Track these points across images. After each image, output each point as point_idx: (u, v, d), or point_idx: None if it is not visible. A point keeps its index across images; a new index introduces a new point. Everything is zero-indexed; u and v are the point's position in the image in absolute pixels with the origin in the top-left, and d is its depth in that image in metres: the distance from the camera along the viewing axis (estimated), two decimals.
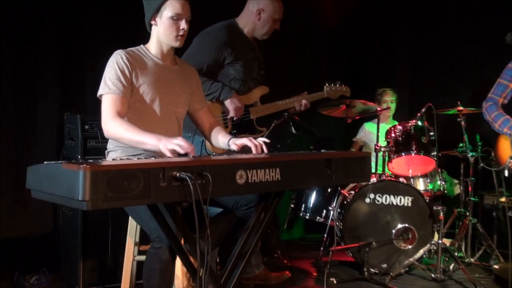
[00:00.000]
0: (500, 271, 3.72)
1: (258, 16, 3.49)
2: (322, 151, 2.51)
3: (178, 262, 2.47)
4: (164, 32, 2.58)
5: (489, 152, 3.91)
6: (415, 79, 5.49)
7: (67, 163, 1.66)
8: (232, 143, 2.60)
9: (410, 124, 4.17)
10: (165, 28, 2.57)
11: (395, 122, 4.73)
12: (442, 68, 5.20)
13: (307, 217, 4.39)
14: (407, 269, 3.90)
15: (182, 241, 2.23)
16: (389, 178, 4.07)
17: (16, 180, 3.53)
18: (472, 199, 4.20)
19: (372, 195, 3.92)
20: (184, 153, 2.22)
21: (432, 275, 3.77)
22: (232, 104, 3.34)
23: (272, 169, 2.06)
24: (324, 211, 4.31)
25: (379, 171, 4.20)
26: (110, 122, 2.43)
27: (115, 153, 2.61)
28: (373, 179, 3.99)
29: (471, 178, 4.20)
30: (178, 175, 1.79)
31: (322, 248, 4.27)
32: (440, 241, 3.70)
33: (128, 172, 1.67)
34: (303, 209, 4.40)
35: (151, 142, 2.32)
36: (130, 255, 2.72)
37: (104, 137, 2.53)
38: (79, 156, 3.33)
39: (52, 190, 1.74)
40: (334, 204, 4.22)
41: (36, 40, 3.65)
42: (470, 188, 4.21)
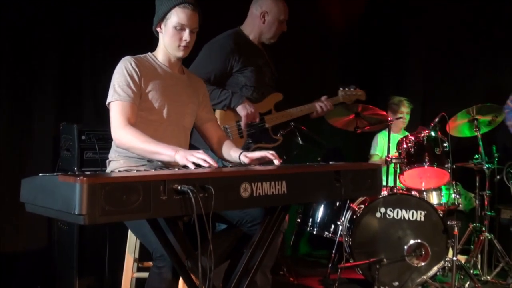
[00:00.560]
0: None
1: (263, 19, 3.45)
2: (331, 163, 2.47)
3: (181, 280, 2.42)
4: (168, 40, 2.58)
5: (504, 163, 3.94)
6: (427, 86, 5.49)
7: (64, 175, 1.66)
8: (243, 156, 2.55)
9: (422, 135, 4.13)
10: (168, 37, 2.57)
11: (406, 133, 4.71)
12: (455, 75, 5.22)
13: (314, 232, 4.33)
14: (420, 287, 3.82)
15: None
16: (400, 192, 4.01)
17: (10, 193, 3.48)
18: (488, 214, 4.16)
19: (383, 209, 3.86)
20: (208, 166, 2.18)
21: None
22: (244, 109, 3.29)
23: (278, 181, 2.05)
24: (333, 226, 4.26)
25: (390, 184, 4.14)
26: (121, 131, 2.40)
27: (117, 163, 2.56)
28: (384, 192, 3.94)
29: (487, 192, 4.16)
30: (179, 188, 1.77)
31: (330, 265, 4.19)
32: (454, 257, 3.61)
33: (127, 185, 1.66)
34: (310, 223, 4.34)
35: (167, 152, 2.30)
36: (129, 271, 2.69)
37: (102, 148, 2.56)
38: (76, 168, 3.32)
39: (47, 204, 1.73)
40: (343, 218, 4.16)
41: (32, 50, 3.67)
42: (486, 202, 4.17)
